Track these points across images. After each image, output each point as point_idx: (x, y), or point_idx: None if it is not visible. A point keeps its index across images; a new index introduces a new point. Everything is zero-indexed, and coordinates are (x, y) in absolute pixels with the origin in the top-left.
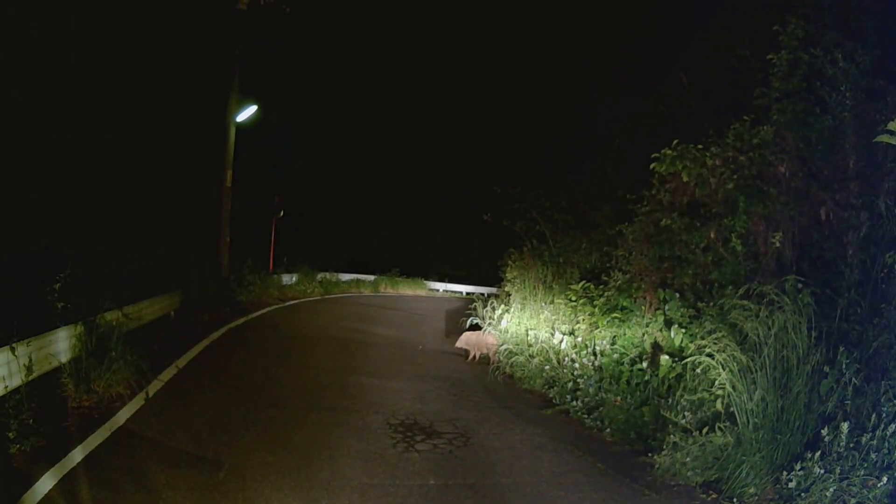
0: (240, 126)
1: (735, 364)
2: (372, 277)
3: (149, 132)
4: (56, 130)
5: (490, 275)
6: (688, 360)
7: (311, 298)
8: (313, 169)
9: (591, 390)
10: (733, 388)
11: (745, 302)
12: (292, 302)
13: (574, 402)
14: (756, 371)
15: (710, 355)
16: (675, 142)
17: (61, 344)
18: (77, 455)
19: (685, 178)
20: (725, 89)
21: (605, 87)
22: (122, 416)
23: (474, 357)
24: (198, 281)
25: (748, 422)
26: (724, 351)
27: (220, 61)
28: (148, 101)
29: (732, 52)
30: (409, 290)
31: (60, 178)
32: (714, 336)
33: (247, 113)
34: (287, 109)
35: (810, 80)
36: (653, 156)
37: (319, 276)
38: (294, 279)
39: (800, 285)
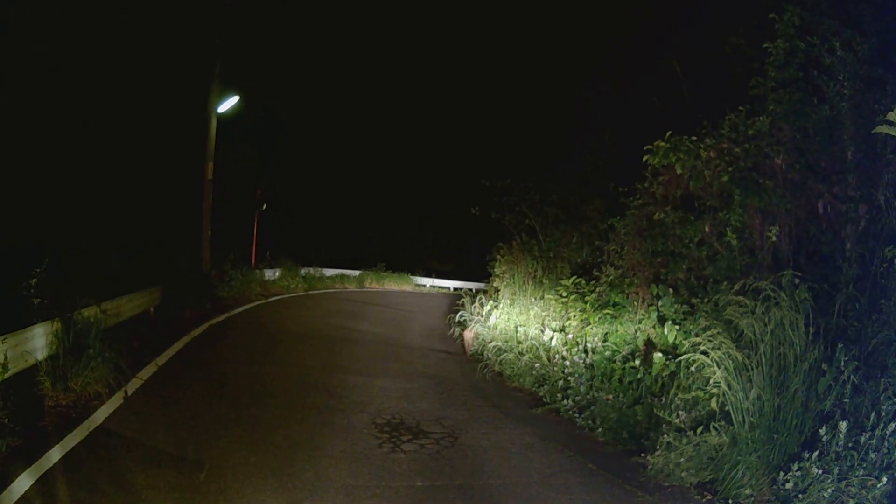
0: (222, 118)
1: (731, 362)
2: (357, 272)
3: (129, 123)
4: (35, 122)
5: (478, 269)
6: (682, 357)
7: (294, 294)
8: (297, 162)
9: (582, 388)
10: (728, 386)
11: (741, 298)
12: (275, 298)
13: (565, 401)
14: (752, 369)
15: (704, 353)
16: (669, 133)
17: (38, 341)
18: (54, 455)
19: (679, 171)
20: (719, 79)
21: (596, 77)
22: (101, 415)
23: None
24: (178, 276)
25: (744, 421)
26: (719, 348)
27: (202, 50)
28: (128, 92)
29: (726, 40)
30: (395, 285)
31: (39, 171)
32: (709, 333)
33: (228, 103)
34: (270, 101)
35: (807, 70)
36: (646, 147)
37: (303, 271)
38: (277, 274)
39: (797, 280)
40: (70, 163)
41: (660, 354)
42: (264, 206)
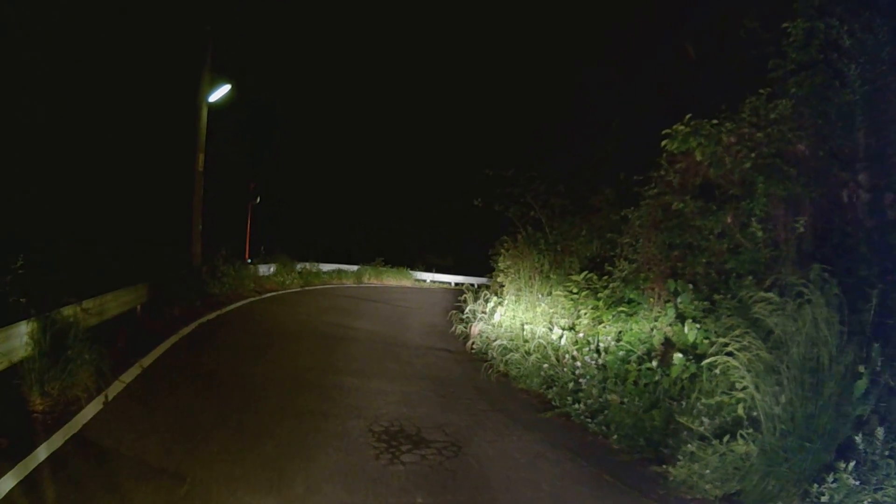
0: (214, 108)
1: (760, 364)
2: (355, 268)
3: (117, 113)
4: (25, 113)
5: (480, 264)
6: (707, 360)
7: (290, 290)
8: (292, 154)
9: (594, 391)
10: (757, 389)
11: (771, 294)
12: (270, 294)
13: (576, 405)
14: (782, 371)
15: (729, 354)
16: (688, 117)
17: (13, 342)
18: (25, 466)
19: (699, 157)
20: (733, 64)
21: (602, 63)
22: (78, 421)
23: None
24: (168, 272)
25: (774, 428)
26: (748, 349)
27: (192, 38)
28: (117, 81)
29: (739, 24)
30: (394, 280)
31: (27, 163)
32: (735, 333)
33: (220, 92)
34: (264, 92)
35: (826, 52)
36: (664, 132)
37: (299, 266)
38: (272, 270)
39: (826, 274)
40: (58, 154)
41: (679, 355)
42: (258, 199)
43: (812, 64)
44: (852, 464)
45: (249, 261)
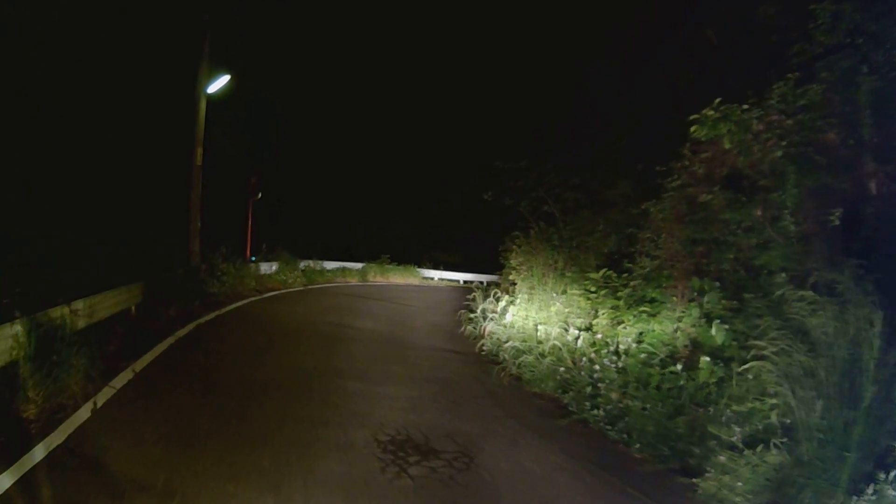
0: (214, 101)
1: (800, 369)
2: (360, 265)
3: (114, 106)
4: (22, 111)
5: (489, 261)
6: (743, 366)
7: (292, 289)
8: (293, 148)
9: (613, 396)
10: (793, 395)
11: (810, 293)
12: (271, 293)
13: (594, 411)
14: (820, 376)
15: (760, 357)
16: (718, 101)
17: None
18: (5, 480)
19: (727, 145)
20: (753, 50)
21: (613, 52)
22: (64, 431)
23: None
24: (164, 271)
25: (811, 437)
26: (788, 353)
27: (190, 28)
28: (113, 72)
29: (756, 10)
30: (400, 278)
31: (19, 158)
32: (771, 335)
33: (219, 83)
34: (264, 85)
35: (853, 36)
36: (691, 118)
37: (302, 264)
38: (274, 268)
39: (861, 271)
40: (55, 151)
41: (707, 359)
42: (259, 195)
43: (839, 48)
44: (892, 473)
45: (252, 259)
